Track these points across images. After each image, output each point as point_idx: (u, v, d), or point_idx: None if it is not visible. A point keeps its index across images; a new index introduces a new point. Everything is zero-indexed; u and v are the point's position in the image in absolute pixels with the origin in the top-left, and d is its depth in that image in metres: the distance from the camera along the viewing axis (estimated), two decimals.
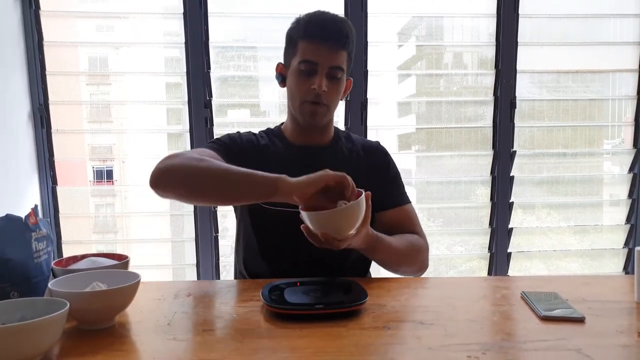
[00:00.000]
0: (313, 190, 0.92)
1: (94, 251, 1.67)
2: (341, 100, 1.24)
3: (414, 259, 1.19)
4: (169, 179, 1.02)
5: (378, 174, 1.25)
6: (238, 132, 1.26)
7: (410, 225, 1.23)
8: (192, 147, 1.98)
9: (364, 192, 0.94)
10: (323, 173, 0.93)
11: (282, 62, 1.24)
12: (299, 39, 1.16)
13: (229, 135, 1.23)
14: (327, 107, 1.18)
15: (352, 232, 0.95)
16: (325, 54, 1.14)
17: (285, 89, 1.23)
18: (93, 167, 2.20)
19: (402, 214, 1.24)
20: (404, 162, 1.36)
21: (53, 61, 1.94)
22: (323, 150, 1.25)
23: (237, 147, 1.20)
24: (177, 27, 1.97)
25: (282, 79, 1.23)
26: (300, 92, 1.17)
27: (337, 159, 1.24)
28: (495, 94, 2.10)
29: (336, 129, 1.31)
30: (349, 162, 1.24)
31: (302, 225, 0.95)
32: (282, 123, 1.31)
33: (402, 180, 1.31)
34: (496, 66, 2.09)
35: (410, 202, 1.27)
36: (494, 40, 2.08)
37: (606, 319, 0.85)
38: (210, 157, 1.07)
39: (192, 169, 1.01)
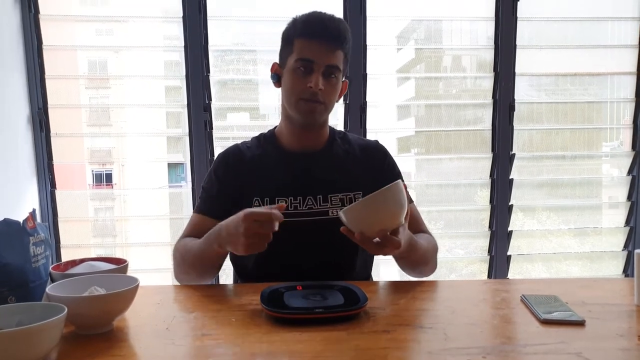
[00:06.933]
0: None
1: (93, 255, 1.67)
2: (337, 101, 1.23)
3: (434, 258, 1.20)
4: (180, 274, 1.26)
5: (378, 175, 1.22)
6: (220, 154, 1.27)
7: (417, 225, 1.22)
8: (191, 150, 1.98)
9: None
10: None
11: (278, 62, 1.23)
12: (295, 38, 1.16)
13: (203, 188, 1.25)
14: (324, 105, 1.17)
15: (402, 219, 0.93)
16: (322, 53, 1.13)
17: (280, 89, 1.23)
18: (92, 171, 2.20)
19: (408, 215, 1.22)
20: (404, 165, 1.35)
21: (52, 65, 1.94)
22: (317, 155, 1.23)
23: (217, 189, 1.22)
24: (176, 31, 1.97)
25: (277, 78, 1.23)
26: (296, 90, 1.15)
27: (332, 162, 1.22)
28: (494, 96, 2.10)
29: (331, 129, 1.29)
30: (346, 164, 1.23)
31: (356, 234, 0.92)
32: (276, 127, 1.29)
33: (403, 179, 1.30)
34: (495, 69, 2.09)
35: (412, 201, 1.26)
36: (493, 43, 2.08)
37: (606, 322, 0.85)
38: (200, 227, 1.17)
39: (182, 264, 1.22)
